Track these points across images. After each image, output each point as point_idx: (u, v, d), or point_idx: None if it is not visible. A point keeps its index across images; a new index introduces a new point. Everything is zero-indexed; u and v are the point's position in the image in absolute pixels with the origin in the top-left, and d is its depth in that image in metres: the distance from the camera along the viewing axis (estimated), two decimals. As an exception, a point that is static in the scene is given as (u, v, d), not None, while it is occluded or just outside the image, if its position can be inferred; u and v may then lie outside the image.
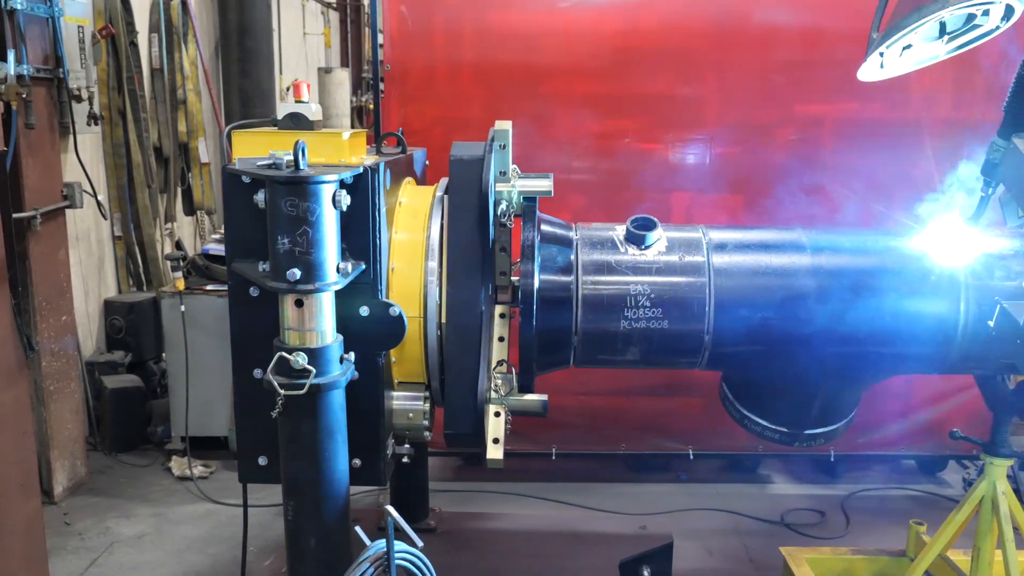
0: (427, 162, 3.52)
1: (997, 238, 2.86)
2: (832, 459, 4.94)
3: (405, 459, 2.92)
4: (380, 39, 4.53)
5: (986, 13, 2.66)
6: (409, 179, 3.12)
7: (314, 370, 2.33)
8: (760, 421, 3.11)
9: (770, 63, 4.53)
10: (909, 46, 2.80)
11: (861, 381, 3.10)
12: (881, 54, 2.79)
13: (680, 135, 4.67)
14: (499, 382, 2.74)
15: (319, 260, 2.32)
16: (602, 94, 4.62)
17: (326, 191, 2.31)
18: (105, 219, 5.89)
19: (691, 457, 4.88)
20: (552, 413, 2.89)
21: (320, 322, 2.38)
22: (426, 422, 2.86)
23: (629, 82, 4.56)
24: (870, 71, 2.88)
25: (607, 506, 4.63)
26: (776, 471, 5.18)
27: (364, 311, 2.60)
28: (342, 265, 2.42)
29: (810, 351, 2.83)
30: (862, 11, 2.92)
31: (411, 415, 2.85)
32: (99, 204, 5.40)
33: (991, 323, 2.54)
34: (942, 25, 2.76)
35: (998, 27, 2.72)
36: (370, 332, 2.61)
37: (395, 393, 2.85)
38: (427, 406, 2.86)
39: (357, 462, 2.68)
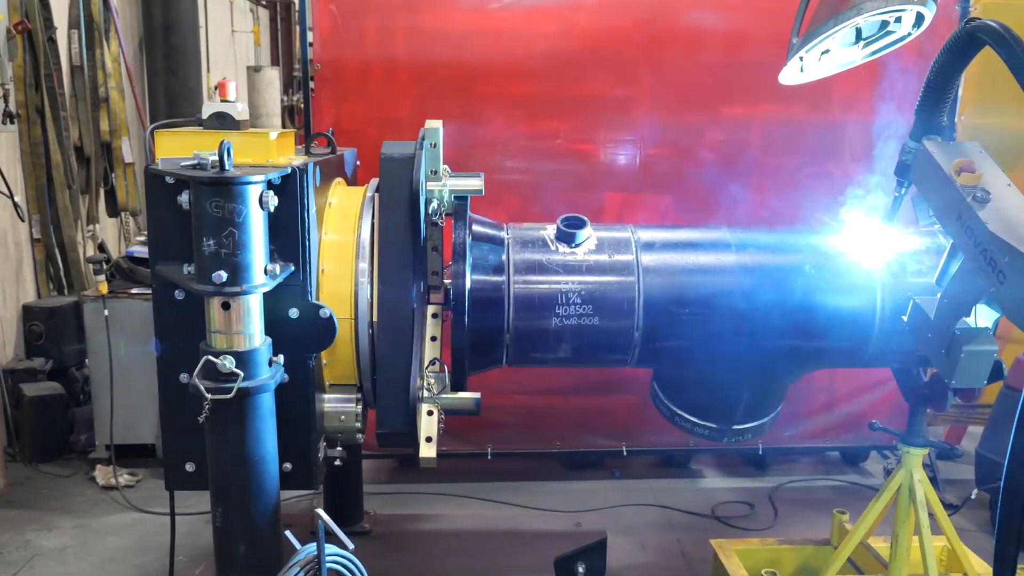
0: (358, 162, 3.49)
1: (910, 236, 2.98)
2: (760, 452, 5.07)
3: (337, 462, 2.90)
4: (310, 37, 4.50)
5: (898, 20, 2.77)
6: (339, 179, 3.10)
7: (242, 374, 2.30)
8: (690, 418, 3.17)
9: (699, 66, 4.62)
10: (827, 51, 2.89)
11: (785, 376, 3.19)
12: (801, 58, 2.87)
13: (612, 136, 4.73)
14: (432, 381, 2.74)
15: (246, 262, 2.29)
16: (536, 95, 4.65)
17: (252, 192, 2.28)
18: (23, 221, 5.67)
19: (624, 454, 4.94)
20: (487, 413, 2.90)
21: (248, 325, 2.35)
22: (358, 424, 2.84)
23: (562, 83, 4.60)
24: (790, 75, 2.97)
25: (542, 504, 4.67)
26: (707, 465, 5.29)
27: (294, 313, 2.57)
28: (270, 267, 2.39)
29: (736, 347, 2.91)
30: (785, 15, 3.00)
31: (343, 417, 2.82)
32: (16, 206, 5.20)
33: (905, 318, 2.64)
34: (858, 31, 2.86)
35: (910, 33, 2.83)
36: (300, 334, 2.58)
37: (326, 395, 2.83)
38: (359, 408, 2.84)
39: (288, 466, 2.64)
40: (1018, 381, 4.13)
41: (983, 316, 2.40)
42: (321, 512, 2.22)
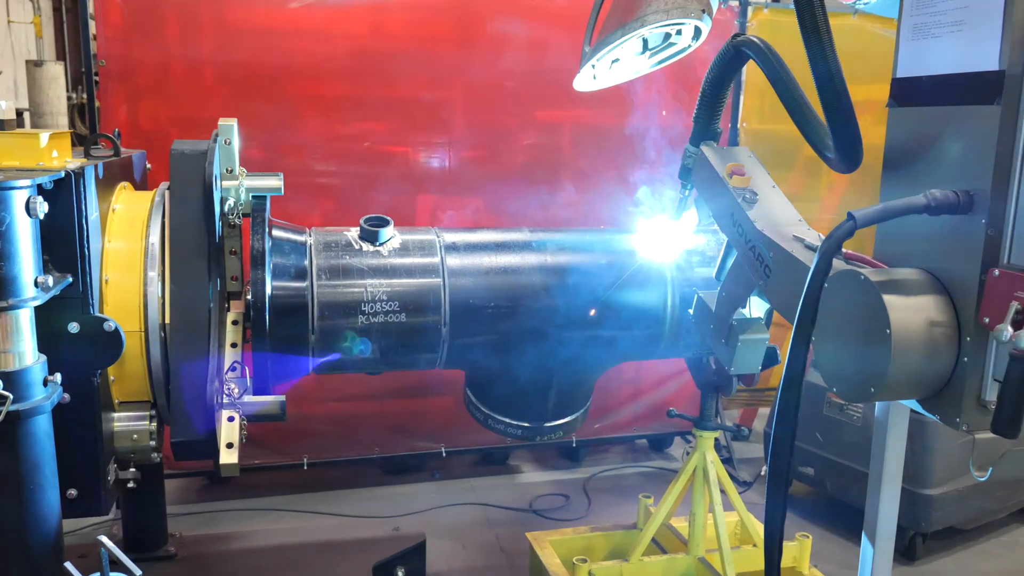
0: (149, 165, 3.30)
1: (695, 235, 3.20)
2: (574, 445, 5.26)
3: (131, 484, 2.73)
4: (93, 30, 4.18)
5: (679, 32, 2.96)
6: (126, 184, 2.91)
7: (11, 396, 2.11)
8: (503, 419, 3.24)
9: (510, 70, 4.71)
10: (617, 59, 3.05)
11: (590, 371, 3.33)
12: (593, 66, 3.01)
13: (424, 138, 4.74)
14: (232, 386, 2.63)
15: (12, 274, 2.11)
16: (348, 96, 4.57)
17: (17, 197, 2.10)
18: None
19: (444, 455, 4.97)
20: (302, 422, 2.83)
21: (17, 342, 2.16)
22: (153, 443, 2.69)
23: (374, 85, 4.55)
24: (584, 82, 3.09)
25: (361, 511, 4.60)
26: (525, 461, 5.42)
27: (73, 328, 2.40)
28: (42, 279, 2.21)
29: (540, 343, 3.00)
30: (582, 24, 3.12)
31: (135, 436, 2.67)
32: None
33: (691, 311, 2.83)
34: (645, 41, 3.03)
35: (690, 45, 3.04)
36: (81, 350, 2.41)
37: (116, 414, 2.65)
38: (153, 425, 2.68)
39: (73, 492, 2.47)
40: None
41: (756, 307, 2.62)
42: (103, 539, 2.07)
